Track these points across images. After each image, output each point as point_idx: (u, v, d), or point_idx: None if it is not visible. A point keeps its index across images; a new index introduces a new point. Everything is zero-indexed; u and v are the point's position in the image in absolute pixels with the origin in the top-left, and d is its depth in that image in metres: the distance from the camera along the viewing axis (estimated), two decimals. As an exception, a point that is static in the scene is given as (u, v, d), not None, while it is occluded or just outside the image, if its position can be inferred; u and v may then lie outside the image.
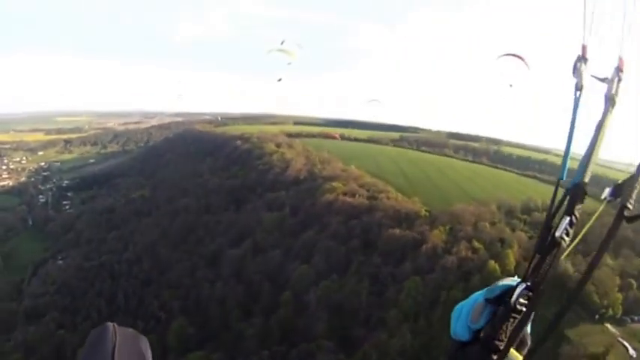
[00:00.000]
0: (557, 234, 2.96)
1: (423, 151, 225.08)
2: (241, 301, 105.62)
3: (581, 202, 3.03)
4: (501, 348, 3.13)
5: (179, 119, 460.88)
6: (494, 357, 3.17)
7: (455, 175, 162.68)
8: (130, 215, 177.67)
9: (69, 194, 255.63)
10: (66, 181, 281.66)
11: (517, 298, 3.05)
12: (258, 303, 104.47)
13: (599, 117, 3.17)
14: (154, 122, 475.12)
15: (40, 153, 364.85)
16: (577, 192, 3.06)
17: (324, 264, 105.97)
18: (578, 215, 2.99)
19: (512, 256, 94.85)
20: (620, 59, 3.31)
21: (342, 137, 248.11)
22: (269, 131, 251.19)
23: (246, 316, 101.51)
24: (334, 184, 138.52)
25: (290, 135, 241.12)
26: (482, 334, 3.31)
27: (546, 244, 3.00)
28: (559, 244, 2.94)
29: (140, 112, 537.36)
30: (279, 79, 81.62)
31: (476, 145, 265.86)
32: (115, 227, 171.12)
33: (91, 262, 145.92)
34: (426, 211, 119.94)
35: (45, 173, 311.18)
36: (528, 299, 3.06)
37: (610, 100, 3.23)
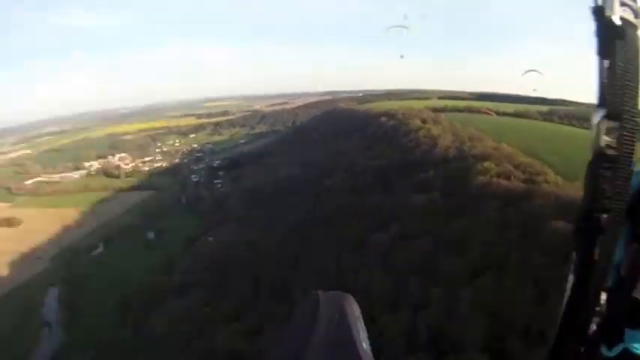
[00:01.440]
0: (612, 15, 2.08)
1: (576, 126, 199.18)
2: (386, 293, 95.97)
3: None
4: None
5: (324, 98, 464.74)
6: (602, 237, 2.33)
7: None
8: (277, 194, 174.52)
9: (220, 173, 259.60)
10: (217, 161, 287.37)
11: (598, 134, 2.34)
12: (405, 297, 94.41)
13: None
14: (300, 102, 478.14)
15: (192, 136, 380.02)
16: None
17: (479, 258, 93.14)
18: None
19: None
20: None
21: (482, 111, 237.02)
22: (414, 107, 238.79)
23: (392, 310, 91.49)
24: (486, 164, 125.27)
25: (435, 110, 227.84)
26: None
27: (605, 39, 2.17)
28: (622, 31, 2.09)
29: (285, 94, 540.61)
30: (402, 56, 77.71)
31: None
32: (263, 206, 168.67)
33: (239, 240, 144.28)
34: None
35: (198, 154, 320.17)
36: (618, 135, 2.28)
37: None
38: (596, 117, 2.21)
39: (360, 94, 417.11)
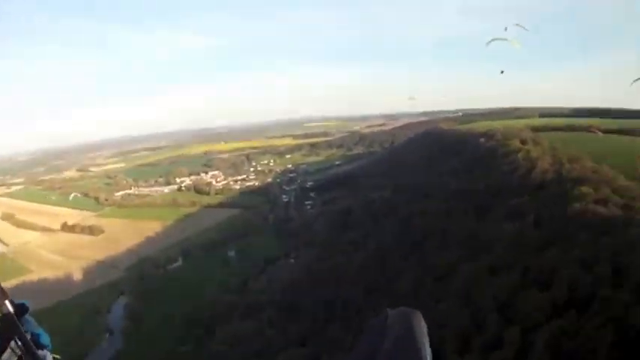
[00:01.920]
0: None
1: None
2: (462, 329, 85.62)
3: None
4: None
5: (423, 119, 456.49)
6: None
7: None
8: (367, 217, 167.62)
9: (311, 194, 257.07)
10: (310, 182, 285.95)
11: None
12: (480, 335, 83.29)
13: None
14: (399, 124, 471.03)
15: (288, 156, 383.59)
16: None
17: (563, 295, 79.80)
18: None
19: None
20: None
21: (588, 130, 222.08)
22: (514, 126, 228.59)
23: (464, 348, 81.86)
24: (583, 188, 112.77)
25: (536, 129, 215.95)
26: None
27: None
28: None
29: (385, 114, 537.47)
30: (502, 72, 73.27)
31: None
32: (351, 228, 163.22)
33: (321, 264, 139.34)
34: None
35: (291, 175, 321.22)
36: None
37: None
38: None
39: (460, 114, 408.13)
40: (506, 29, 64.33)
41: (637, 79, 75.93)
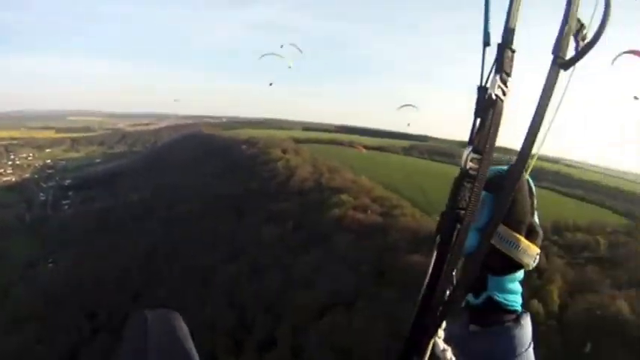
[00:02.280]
0: (491, 92, 2.88)
1: (435, 161, 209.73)
2: (232, 331, 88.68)
3: (508, 56, 2.92)
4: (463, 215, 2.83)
5: (189, 122, 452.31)
6: (459, 226, 2.85)
7: None
8: (127, 219, 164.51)
9: (70, 193, 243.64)
10: (68, 180, 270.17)
11: (466, 160, 2.88)
12: (252, 335, 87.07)
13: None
14: (164, 124, 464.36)
15: (48, 150, 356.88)
16: (502, 48, 2.92)
17: (330, 293, 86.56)
18: (510, 71, 2.93)
19: (555, 293, 76.81)
20: None
21: (351, 145, 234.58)
22: (277, 136, 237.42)
23: (238, 350, 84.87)
24: (343, 196, 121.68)
25: (298, 141, 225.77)
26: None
27: (482, 106, 2.90)
28: (494, 102, 2.87)
29: (152, 114, 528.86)
30: (270, 84, 76.64)
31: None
32: (109, 231, 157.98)
33: (81, 269, 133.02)
34: None
35: (49, 171, 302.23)
36: (478, 163, 2.86)
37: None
38: (467, 150, 2.82)
39: (224, 120, 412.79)
40: (282, 46, 70.04)
41: (403, 105, 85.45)
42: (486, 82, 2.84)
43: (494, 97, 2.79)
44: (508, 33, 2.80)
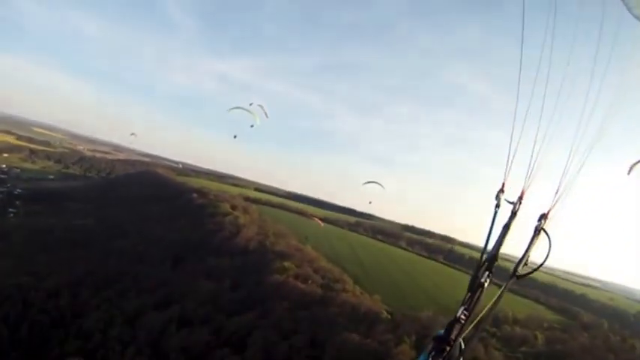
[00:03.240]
0: (482, 280, 6.31)
1: (379, 240, 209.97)
2: None
3: (493, 264, 6.37)
4: (451, 343, 5.34)
5: (146, 159, 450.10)
6: (447, 348, 5.29)
7: (413, 272, 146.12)
8: (66, 242, 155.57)
9: (17, 202, 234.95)
10: (19, 189, 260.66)
11: (460, 313, 5.48)
12: None
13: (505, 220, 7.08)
14: (122, 156, 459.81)
15: (5, 155, 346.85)
16: (492, 259, 6.44)
17: (260, 357, 79.91)
18: (493, 271, 6.29)
19: None
20: (522, 191, 7.01)
21: (299, 212, 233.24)
22: (229, 191, 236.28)
23: None
24: (286, 263, 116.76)
25: (248, 199, 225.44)
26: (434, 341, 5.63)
27: (475, 287, 6.20)
28: (482, 285, 6.18)
29: (113, 144, 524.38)
30: (235, 136, 74.95)
31: (430, 240, 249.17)
32: (48, 250, 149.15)
33: (12, 280, 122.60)
34: (387, 312, 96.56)
35: (2, 176, 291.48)
36: (465, 317, 5.77)
37: (513, 214, 7.05)
38: (461, 308, 5.47)
39: (180, 166, 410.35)
40: (251, 104, 67.32)
41: (368, 182, 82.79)
42: (479, 272, 6.05)
43: (482, 282, 5.94)
44: (495, 254, 6.28)
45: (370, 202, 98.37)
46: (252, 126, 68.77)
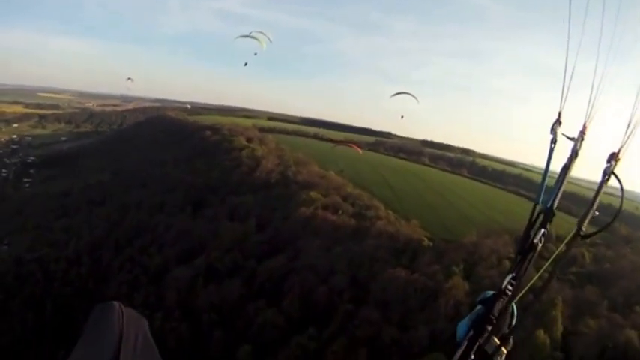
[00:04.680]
0: (535, 240, 4.43)
1: (402, 158, 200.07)
2: (185, 345, 71.91)
3: (551, 220, 4.56)
4: (493, 320, 4.27)
5: (156, 105, 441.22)
6: (488, 327, 4.27)
7: (443, 190, 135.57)
8: (83, 202, 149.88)
9: (32, 171, 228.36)
10: (32, 157, 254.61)
11: (506, 284, 4.31)
12: (207, 353, 70.60)
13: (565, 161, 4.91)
14: (131, 106, 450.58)
15: (15, 125, 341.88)
16: (549, 214, 4.57)
17: (299, 309, 71.36)
18: (548, 229, 4.53)
19: (559, 320, 63.81)
20: (584, 125, 4.93)
21: (317, 137, 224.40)
22: (242, 124, 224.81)
23: None
24: (312, 193, 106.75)
25: (263, 130, 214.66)
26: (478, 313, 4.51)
27: (525, 248, 4.43)
28: (535, 247, 4.40)
29: (120, 95, 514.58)
30: (245, 63, 72.27)
31: (450, 155, 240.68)
32: (66, 215, 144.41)
33: (32, 254, 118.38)
34: (428, 239, 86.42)
35: (14, 146, 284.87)
36: (512, 286, 4.34)
37: (574, 153, 4.88)
38: (509, 276, 4.21)
39: (189, 106, 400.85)
40: (250, 33, 65.23)
41: (397, 93, 71.24)
42: (530, 230, 4.42)
43: (536, 244, 4.33)
44: (551, 207, 4.61)
45: (402, 117, 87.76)
46: (255, 54, 66.66)
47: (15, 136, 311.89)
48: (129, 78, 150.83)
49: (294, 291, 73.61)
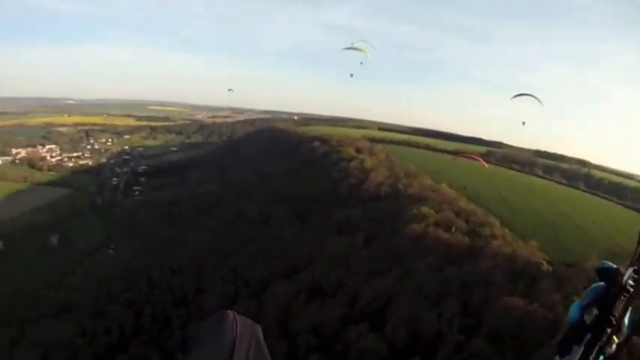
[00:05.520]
0: None
1: (515, 170, 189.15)
2: None
3: None
4: (613, 322, 3.89)
5: (266, 116, 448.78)
6: (608, 330, 3.90)
7: (559, 204, 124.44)
8: (191, 211, 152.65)
9: (142, 180, 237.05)
10: (142, 167, 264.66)
11: (627, 279, 3.91)
12: None
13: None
14: (242, 118, 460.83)
15: (127, 137, 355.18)
16: None
17: (405, 336, 64.82)
18: None
19: None
20: None
21: (427, 147, 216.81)
22: (351, 135, 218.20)
23: None
24: (423, 208, 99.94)
25: (373, 140, 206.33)
26: (595, 312, 4.13)
27: None
28: None
29: (230, 107, 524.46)
30: (351, 75, 73.05)
31: (565, 166, 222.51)
32: (173, 223, 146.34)
33: (137, 261, 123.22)
34: (547, 263, 77.79)
35: (126, 157, 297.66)
36: (635, 281, 3.90)
37: None
38: (629, 270, 3.69)
39: (296, 117, 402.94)
40: (353, 44, 65.96)
41: (518, 95, 64.36)
42: None
43: None
44: None
45: (524, 123, 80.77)
46: (361, 63, 66.47)
47: (126, 147, 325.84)
48: (230, 89, 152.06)
49: (400, 316, 67.89)
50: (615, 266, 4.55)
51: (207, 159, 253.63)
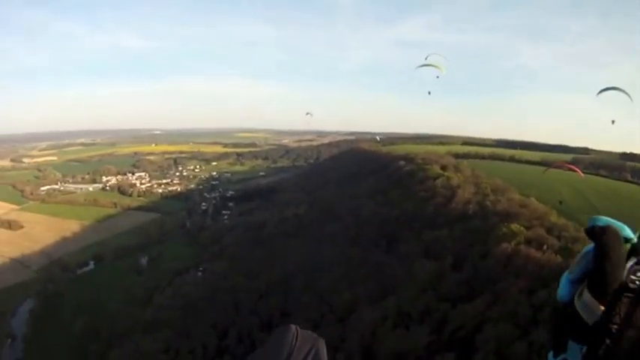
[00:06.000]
0: None
1: (603, 176, 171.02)
2: None
3: None
4: (615, 332, 3.04)
5: (350, 138, 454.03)
6: (608, 341, 3.08)
7: None
8: (278, 234, 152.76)
9: (230, 204, 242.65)
10: (231, 192, 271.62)
11: (628, 274, 3.07)
12: None
13: None
14: (327, 140, 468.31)
15: (214, 163, 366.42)
16: None
17: None
18: None
19: None
20: None
21: (513, 159, 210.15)
22: (436, 151, 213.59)
23: None
24: (513, 225, 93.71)
25: (458, 156, 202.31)
26: (597, 320, 3.17)
27: None
28: None
29: (315, 131, 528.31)
30: (429, 92, 78.48)
31: None
32: (260, 246, 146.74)
33: (224, 282, 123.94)
34: None
35: (214, 182, 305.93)
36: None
37: None
38: (631, 261, 2.97)
39: (379, 138, 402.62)
40: (426, 59, 66.96)
41: (604, 89, 59.80)
42: None
43: None
44: None
45: (613, 122, 77.00)
46: (437, 77, 67.52)
47: (214, 173, 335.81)
48: (308, 113, 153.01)
49: (489, 345, 63.52)
50: (608, 220, 3.33)
51: (294, 182, 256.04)
